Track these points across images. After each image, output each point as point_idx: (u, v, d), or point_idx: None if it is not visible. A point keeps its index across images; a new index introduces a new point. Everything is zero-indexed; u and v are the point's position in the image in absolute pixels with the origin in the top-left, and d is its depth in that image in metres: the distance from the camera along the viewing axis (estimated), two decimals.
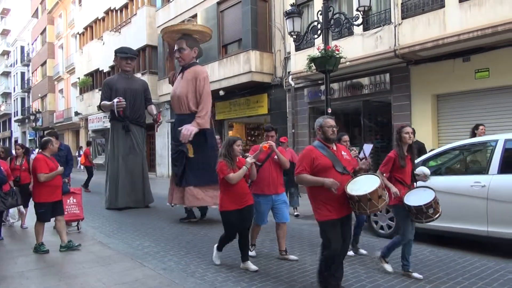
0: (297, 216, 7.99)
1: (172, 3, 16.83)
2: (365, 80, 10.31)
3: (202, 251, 5.42)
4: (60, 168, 5.53)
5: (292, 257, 4.91)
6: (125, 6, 20.39)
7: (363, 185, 3.39)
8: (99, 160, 23.15)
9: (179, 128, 7.51)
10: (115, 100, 9.03)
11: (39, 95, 35.39)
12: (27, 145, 34.53)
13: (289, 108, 12.45)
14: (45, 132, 7.56)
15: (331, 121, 3.58)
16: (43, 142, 5.64)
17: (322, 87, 9.37)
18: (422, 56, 8.95)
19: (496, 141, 5.15)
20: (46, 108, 33.84)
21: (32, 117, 31.74)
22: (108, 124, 22.16)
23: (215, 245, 4.75)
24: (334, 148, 3.60)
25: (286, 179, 7.41)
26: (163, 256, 5.23)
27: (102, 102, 9.72)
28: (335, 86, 10.74)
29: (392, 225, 6.06)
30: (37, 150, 24.28)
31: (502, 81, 7.96)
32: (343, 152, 3.64)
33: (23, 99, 42.18)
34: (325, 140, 3.56)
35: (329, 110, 7.92)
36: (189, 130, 7.36)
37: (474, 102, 8.56)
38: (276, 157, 4.83)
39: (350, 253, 4.92)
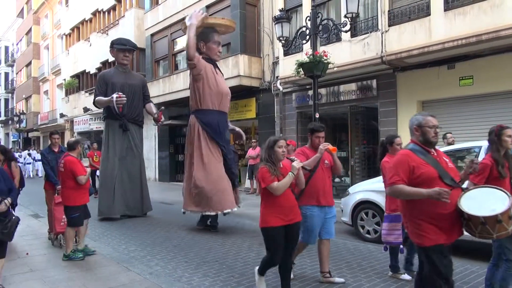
0: None
1: (160, 5, 16.78)
2: (352, 86, 10.42)
3: (189, 255, 5.39)
4: (88, 170, 5.60)
5: (338, 279, 4.24)
6: (113, 7, 20.24)
7: (484, 201, 2.66)
8: (85, 163, 22.81)
9: (235, 129, 7.60)
10: (115, 95, 7.97)
11: (24, 96, 34.79)
12: (10, 147, 33.93)
13: (277, 113, 12.51)
14: (50, 132, 6.74)
15: (434, 120, 2.88)
16: (72, 143, 5.50)
17: (310, 92, 9.46)
18: (408, 63, 9.10)
19: (480, 147, 5.26)
20: (30, 110, 33.28)
21: (16, 119, 31.17)
22: (94, 126, 22.05)
23: (256, 268, 3.87)
24: (435, 153, 2.88)
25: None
26: (149, 260, 5.18)
27: (97, 98, 8.62)
28: (322, 91, 10.83)
29: (378, 229, 6.13)
30: (24, 152, 23.93)
31: (485, 88, 8.15)
32: (444, 158, 2.90)
33: (6, 100, 41.40)
34: (425, 143, 2.85)
35: (317, 115, 7.98)
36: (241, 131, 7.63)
37: (459, 108, 8.73)
38: (326, 161, 4.18)
39: (407, 276, 4.32)
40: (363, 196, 6.40)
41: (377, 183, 6.37)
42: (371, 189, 6.32)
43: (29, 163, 22.82)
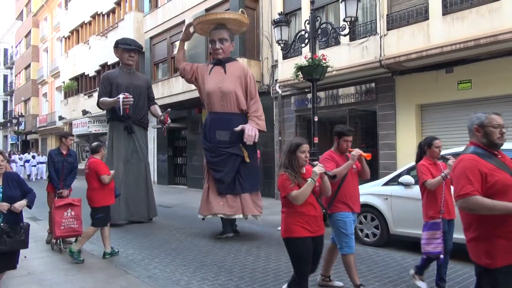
0: None
1: (160, 9, 16.82)
2: (351, 89, 10.45)
3: (188, 258, 5.38)
4: (112, 171, 5.70)
5: (337, 283, 4.18)
6: (113, 10, 20.28)
7: None
8: (82, 166, 22.78)
9: (241, 128, 6.51)
10: (121, 95, 7.58)
11: (22, 98, 34.77)
12: (9, 149, 33.90)
13: (276, 116, 12.52)
14: (66, 133, 6.68)
15: (498, 119, 2.49)
16: (96, 146, 5.66)
17: (309, 95, 9.48)
18: (406, 66, 9.13)
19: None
20: (29, 112, 33.24)
21: (14, 121, 31.11)
22: (92, 129, 22.02)
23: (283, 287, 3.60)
24: (501, 156, 2.50)
25: None
26: (147, 263, 5.18)
27: (102, 99, 8.25)
28: (321, 94, 10.85)
29: (377, 233, 6.13)
30: (25, 155, 23.85)
31: (483, 92, 8.17)
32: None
33: (5, 103, 41.38)
34: (489, 146, 2.45)
35: (316, 119, 8.00)
36: (253, 130, 6.55)
37: (457, 112, 8.75)
38: (354, 166, 3.94)
39: (423, 285, 4.10)
40: (362, 200, 6.36)
41: (376, 186, 6.39)
42: (370, 192, 6.32)
43: (34, 166, 22.83)
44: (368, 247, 5.95)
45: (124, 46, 8.68)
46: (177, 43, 6.72)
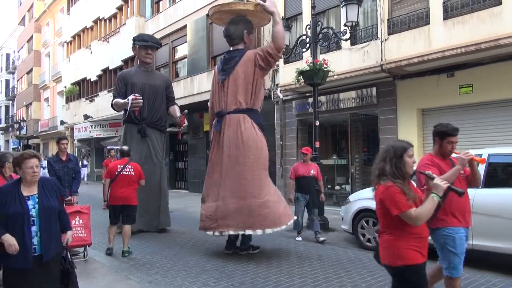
0: (323, 242, 6.64)
1: (161, 14, 16.90)
2: (352, 94, 10.45)
3: (189, 263, 5.36)
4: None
5: None
6: (114, 15, 20.38)
7: None
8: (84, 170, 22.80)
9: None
10: (130, 97, 7.08)
11: (24, 103, 34.88)
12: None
13: (277, 120, 12.52)
14: (58, 138, 6.45)
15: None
16: (128, 150, 6.23)
17: (310, 100, 9.52)
18: (408, 71, 9.13)
19: (480, 155, 5.25)
20: (31, 117, 33.35)
21: (16, 126, 31.20)
22: (94, 133, 22.08)
23: None
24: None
25: (308, 199, 6.81)
26: (149, 269, 5.16)
27: (115, 100, 7.73)
28: (322, 99, 10.86)
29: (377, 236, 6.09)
30: None
31: (485, 96, 8.16)
32: None
33: (7, 107, 41.47)
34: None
35: (317, 123, 8.01)
36: None
37: (458, 117, 8.72)
38: (461, 171, 3.23)
39: None
40: (363, 204, 6.37)
41: None
42: (371, 197, 6.26)
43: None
44: (370, 252, 5.92)
45: (140, 43, 8.09)
46: (280, 20, 5.97)
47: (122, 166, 5.88)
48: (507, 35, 7.07)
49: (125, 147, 6.22)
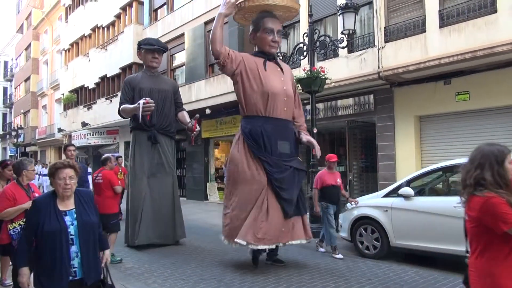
0: (341, 259, 5.99)
1: (159, 22, 16.97)
2: (349, 101, 10.49)
3: (187, 272, 5.33)
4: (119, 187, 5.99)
5: None
6: (112, 23, 20.45)
7: None
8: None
9: (307, 141, 5.57)
10: (141, 101, 6.57)
11: (22, 110, 34.85)
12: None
13: None
14: (65, 145, 6.89)
15: None
16: (104, 159, 6.08)
17: (308, 107, 9.50)
18: (405, 78, 9.18)
19: None
20: (28, 124, 33.29)
21: (13, 133, 31.16)
22: (92, 141, 22.06)
23: None
24: None
25: (336, 210, 6.32)
26: (147, 278, 5.12)
27: (122, 106, 7.31)
28: (320, 106, 10.89)
29: (377, 245, 6.09)
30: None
31: (482, 103, 8.21)
32: None
33: (4, 115, 41.45)
34: None
35: (315, 130, 8.03)
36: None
37: (455, 124, 8.78)
38: None
39: None
40: (362, 212, 6.37)
41: (376, 198, 6.37)
42: (370, 204, 6.30)
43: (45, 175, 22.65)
44: (368, 260, 5.91)
45: (147, 47, 7.69)
46: (214, 23, 5.21)
47: (96, 175, 5.96)
48: (502, 43, 7.14)
49: (104, 156, 6.06)
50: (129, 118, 7.58)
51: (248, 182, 5.17)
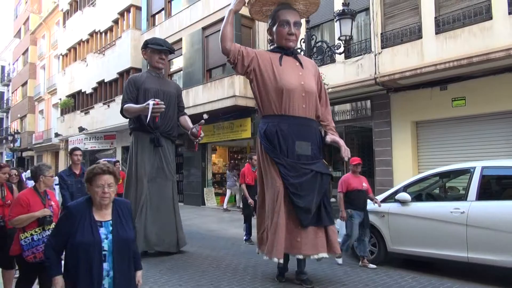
0: (373, 269, 5.65)
1: (157, 27, 17.02)
2: (347, 106, 10.53)
3: (183, 278, 5.30)
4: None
5: None
6: (110, 28, 20.49)
7: None
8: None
9: (331, 140, 4.99)
10: (151, 101, 6.16)
11: (19, 115, 34.75)
12: None
13: None
14: (71, 149, 6.00)
15: None
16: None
17: None
18: (401, 84, 9.24)
19: (474, 168, 5.29)
20: (25, 129, 33.19)
21: (10, 138, 31.04)
22: (88, 146, 22.01)
23: None
24: None
25: (363, 217, 5.90)
26: (143, 284, 5.08)
27: (126, 105, 6.88)
28: None
29: (374, 250, 6.09)
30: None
31: (478, 109, 8.26)
32: None
33: (1, 119, 41.31)
34: None
35: None
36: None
37: (452, 129, 8.82)
38: None
39: None
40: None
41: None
42: (369, 209, 6.30)
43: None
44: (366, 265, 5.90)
45: (154, 47, 7.33)
46: (224, 20, 4.79)
47: None
48: (498, 49, 7.21)
49: (100, 161, 5.74)
50: (128, 119, 7.22)
51: (268, 189, 4.71)
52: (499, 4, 7.37)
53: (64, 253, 2.36)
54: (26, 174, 23.25)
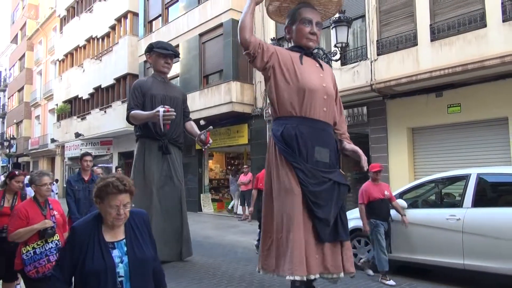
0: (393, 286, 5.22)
1: (154, 33, 17.06)
2: (343, 112, 10.56)
3: (181, 285, 5.28)
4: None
5: None
6: (107, 35, 20.53)
7: None
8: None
9: (352, 150, 4.32)
10: (161, 108, 5.92)
11: (15, 121, 34.64)
12: None
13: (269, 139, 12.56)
14: (81, 154, 5.84)
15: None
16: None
17: None
18: (397, 90, 9.29)
19: (469, 175, 5.32)
20: (21, 134, 33.07)
21: (6, 143, 30.92)
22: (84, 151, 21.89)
23: None
24: None
25: (387, 228, 5.56)
26: None
27: (133, 112, 6.58)
28: None
29: (369, 257, 6.08)
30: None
31: (473, 116, 8.31)
32: None
33: None
34: None
35: None
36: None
37: (447, 135, 8.87)
38: None
39: None
40: (355, 224, 6.37)
41: None
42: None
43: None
44: (362, 272, 5.90)
45: (160, 51, 7.02)
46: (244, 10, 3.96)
47: None
48: (492, 57, 7.27)
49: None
50: (134, 126, 6.90)
51: (280, 196, 4.11)
52: (493, 12, 7.45)
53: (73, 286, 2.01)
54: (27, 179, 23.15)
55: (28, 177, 6.62)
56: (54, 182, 5.60)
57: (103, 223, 1.98)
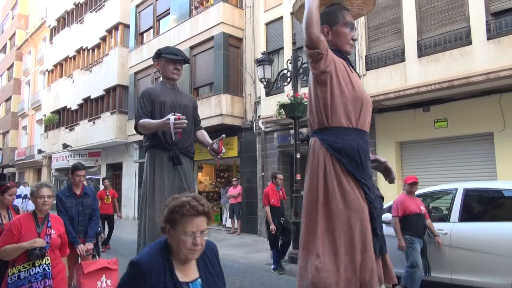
0: None
1: (145, 45, 17.08)
2: None
3: None
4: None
5: None
6: (97, 45, 20.49)
7: None
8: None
9: (381, 160, 3.67)
10: (171, 116, 5.20)
11: (1, 131, 34.14)
12: None
13: (259, 151, 12.58)
14: (73, 167, 4.88)
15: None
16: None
17: (292, 131, 9.64)
18: (385, 105, 9.41)
19: (456, 189, 5.38)
20: (7, 145, 32.56)
21: None
22: (73, 163, 21.57)
23: None
24: None
25: (423, 245, 5.17)
26: None
27: (142, 121, 5.94)
28: (304, 130, 10.98)
29: None
30: (25, 188, 22.76)
31: (459, 130, 8.44)
32: None
33: None
34: None
35: (298, 155, 8.08)
36: None
37: (434, 150, 8.98)
38: None
39: None
40: None
41: None
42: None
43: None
44: None
45: (169, 56, 6.95)
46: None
47: None
48: (477, 73, 7.42)
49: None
50: (143, 135, 6.89)
51: (347, 215, 3.90)
52: (478, 30, 7.63)
53: None
54: (20, 190, 22.40)
55: (21, 187, 6.46)
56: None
57: (172, 256, 1.60)
